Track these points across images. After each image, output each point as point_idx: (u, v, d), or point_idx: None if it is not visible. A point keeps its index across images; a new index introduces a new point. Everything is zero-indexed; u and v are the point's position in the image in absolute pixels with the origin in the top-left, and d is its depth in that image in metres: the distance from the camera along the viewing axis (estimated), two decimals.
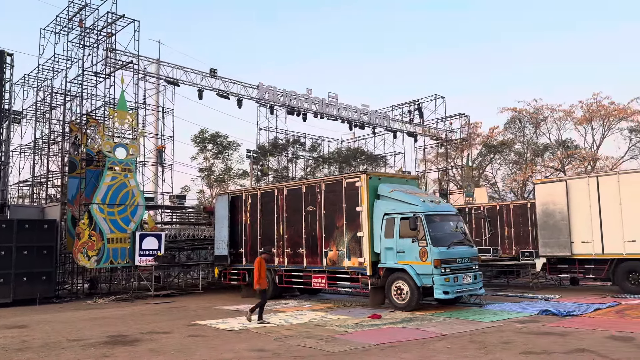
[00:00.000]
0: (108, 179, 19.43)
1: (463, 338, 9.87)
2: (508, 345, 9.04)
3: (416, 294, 13.56)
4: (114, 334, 11.14)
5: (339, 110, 29.94)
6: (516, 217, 24.32)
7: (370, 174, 15.11)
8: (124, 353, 9.13)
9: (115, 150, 19.77)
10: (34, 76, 26.36)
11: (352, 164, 42.11)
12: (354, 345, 9.39)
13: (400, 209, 14.14)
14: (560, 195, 17.60)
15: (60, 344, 10.10)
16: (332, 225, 15.55)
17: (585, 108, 45.01)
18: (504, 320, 11.80)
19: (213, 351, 9.14)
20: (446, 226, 14.33)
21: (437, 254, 13.34)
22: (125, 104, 20.67)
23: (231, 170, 41.87)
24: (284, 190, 17.31)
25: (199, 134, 40.25)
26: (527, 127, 48.63)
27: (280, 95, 27.64)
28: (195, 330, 11.53)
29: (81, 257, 18.56)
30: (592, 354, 8.20)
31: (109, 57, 20.98)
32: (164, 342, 10.16)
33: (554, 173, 45.52)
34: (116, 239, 19.36)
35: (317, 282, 16.02)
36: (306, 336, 10.35)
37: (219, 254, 19.20)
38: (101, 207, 19.06)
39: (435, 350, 8.82)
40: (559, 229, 17.46)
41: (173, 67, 23.93)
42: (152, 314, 14.59)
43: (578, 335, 9.85)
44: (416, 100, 35.69)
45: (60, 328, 12.23)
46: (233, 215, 18.95)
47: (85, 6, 22.10)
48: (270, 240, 17.38)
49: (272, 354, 8.76)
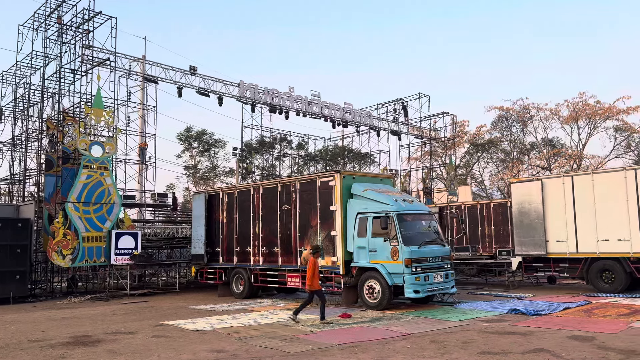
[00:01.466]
0: (83, 177, 19.28)
1: (425, 338, 9.85)
2: (468, 345, 9.02)
3: (387, 293, 13.54)
4: (78, 335, 11.03)
5: (321, 109, 29.90)
6: (496, 215, 24.39)
7: (344, 173, 15.06)
8: (81, 354, 9.03)
9: (91, 148, 19.61)
10: (12, 73, 26.08)
11: (339, 162, 42.11)
12: (315, 345, 9.34)
13: (373, 208, 14.12)
14: (535, 195, 17.66)
15: (21, 345, 9.98)
16: (307, 224, 15.50)
17: (571, 107, 45.31)
18: (471, 320, 11.80)
19: (172, 352, 9.06)
20: (418, 225, 14.33)
21: (408, 253, 13.33)
22: (102, 101, 20.49)
23: (217, 168, 41.74)
24: (260, 189, 17.23)
25: (185, 132, 40.10)
26: (514, 126, 48.89)
27: (262, 93, 27.54)
28: (161, 330, 11.44)
29: (55, 256, 18.40)
30: (547, 353, 8.20)
31: (86, 54, 20.78)
32: (126, 342, 10.07)
33: (540, 172, 45.76)
34: (92, 237, 19.22)
35: (291, 282, 15.96)
36: (270, 336, 10.29)
37: (196, 253, 19.11)
38: (76, 205, 18.90)
39: (394, 350, 8.79)
40: (534, 228, 17.51)
41: (152, 65, 23.78)
42: (123, 314, 14.47)
43: (541, 334, 9.85)
44: (401, 99, 35.72)
45: (25, 328, 12.10)
46: (210, 214, 18.86)
47: (62, 2, 21.87)
48: (246, 239, 17.32)
49: (230, 355, 8.69)
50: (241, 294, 17.46)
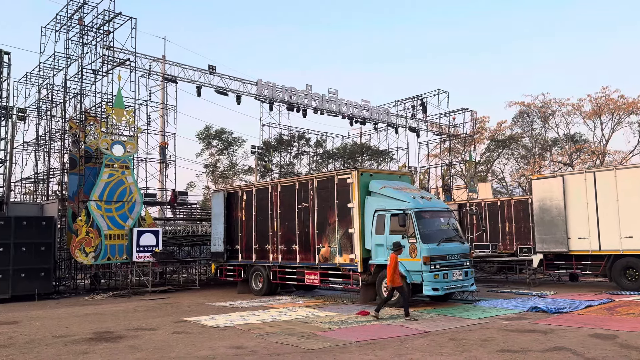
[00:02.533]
0: (105, 176, 19.58)
1: (444, 335, 9.81)
2: (487, 343, 8.97)
3: (406, 290, 13.48)
4: (100, 331, 11.24)
5: (339, 106, 29.87)
6: (517, 212, 24.08)
7: (362, 171, 15.04)
8: (103, 350, 9.21)
9: (113, 147, 19.90)
10: (35, 74, 26.61)
11: (357, 160, 42.04)
12: (333, 342, 9.37)
13: (391, 205, 14.08)
14: (557, 191, 17.42)
15: (45, 341, 10.21)
16: (325, 221, 15.53)
17: (594, 102, 44.42)
18: (491, 318, 11.71)
19: (191, 348, 9.18)
20: (437, 223, 14.23)
21: (427, 250, 13.26)
22: (122, 101, 20.78)
23: (236, 166, 42.03)
24: (278, 187, 17.31)
25: (204, 130, 40.45)
26: (535, 122, 48.16)
27: (280, 91, 27.63)
28: (181, 326, 11.59)
29: (79, 254, 18.74)
30: (568, 352, 8.11)
31: (106, 54, 21.09)
32: (147, 338, 10.23)
33: (562, 167, 45.07)
34: (114, 235, 19.52)
35: (309, 279, 16.02)
36: (289, 333, 10.36)
37: (215, 250, 19.30)
38: (98, 204, 19.22)
39: (412, 348, 8.78)
40: (556, 225, 17.29)
41: (171, 64, 24.05)
42: (145, 310, 14.69)
43: (562, 333, 9.74)
44: (419, 95, 35.49)
45: (50, 324, 12.37)
46: (229, 212, 19.02)
47: (84, 4, 22.22)
48: (265, 236, 17.42)
49: (249, 352, 8.77)
50: (260, 291, 17.58)
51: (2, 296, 17.15)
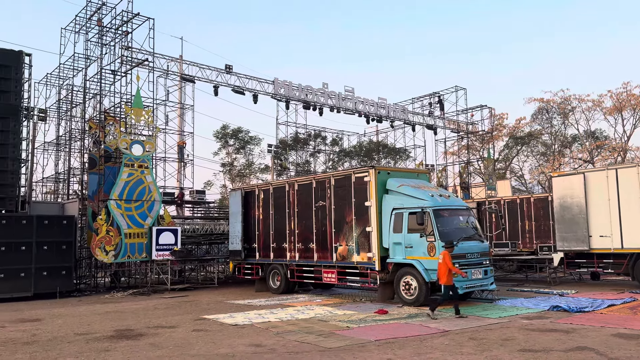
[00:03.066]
0: (125, 175, 19.80)
1: (464, 335, 9.73)
2: (508, 343, 8.87)
3: (424, 289, 13.41)
4: (121, 328, 11.37)
5: (355, 104, 29.79)
6: (537, 210, 23.79)
7: (379, 169, 14.98)
8: (124, 347, 9.31)
9: (132, 147, 20.11)
10: (55, 75, 27.00)
11: (374, 158, 41.92)
12: (351, 341, 9.35)
13: (408, 203, 14.00)
14: (578, 189, 17.16)
15: (67, 338, 10.36)
16: (342, 220, 15.50)
17: (614, 98, 43.71)
18: (511, 317, 11.59)
19: (211, 346, 9.24)
20: (455, 221, 14.11)
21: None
22: (141, 101, 20.98)
23: (253, 165, 42.21)
24: (295, 185, 17.33)
25: (221, 130, 40.68)
26: (554, 118, 47.53)
27: (296, 90, 27.65)
28: (201, 324, 11.67)
29: (99, 252, 18.98)
30: (591, 352, 7.98)
31: (125, 55, 21.31)
32: (167, 336, 10.32)
33: (582, 165, 44.43)
34: (133, 234, 19.73)
35: (327, 277, 16.02)
36: (307, 331, 10.36)
37: (233, 248, 19.40)
38: (118, 202, 19.44)
39: (432, 347, 8.72)
40: (577, 223, 17.03)
41: (189, 64, 24.20)
42: (164, 308, 14.83)
43: (584, 332, 9.59)
44: (436, 92, 35.25)
45: (72, 322, 12.55)
46: (247, 211, 19.09)
47: (102, 5, 22.48)
48: (282, 235, 17.46)
49: (268, 350, 8.80)
50: (278, 289, 17.63)
51: (25, 294, 17.45)
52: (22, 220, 17.82)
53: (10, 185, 18.14)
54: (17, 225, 17.59)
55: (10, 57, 18.55)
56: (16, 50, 18.86)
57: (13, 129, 18.24)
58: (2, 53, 18.51)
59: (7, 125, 18.14)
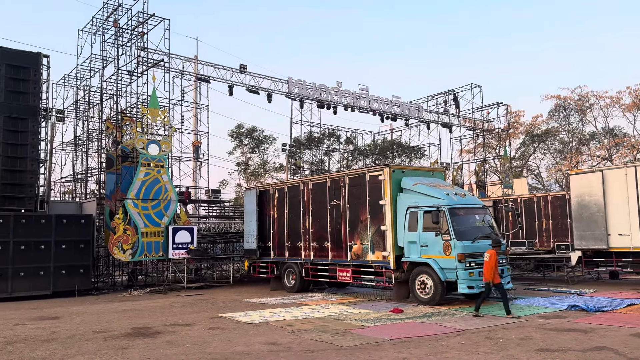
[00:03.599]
0: (141, 175, 20.00)
1: (480, 334, 9.67)
2: (525, 342, 8.79)
3: (440, 288, 13.35)
4: (138, 326, 11.49)
5: (369, 103, 29.74)
6: (554, 208, 23.54)
7: (394, 167, 14.93)
8: (142, 345, 9.41)
9: (148, 146, 20.30)
10: (73, 76, 27.36)
11: (388, 156, 41.79)
12: (366, 340, 9.35)
13: (424, 202, 13.94)
14: (596, 186, 16.93)
15: (86, 335, 10.50)
16: (356, 219, 15.49)
17: (633, 94, 43.00)
18: (528, 316, 11.49)
19: (227, 344, 9.30)
20: (471, 219, 14.02)
21: (461, 247, 13.08)
22: (157, 101, 21.17)
23: (267, 164, 42.34)
24: (310, 184, 17.35)
25: (236, 129, 40.88)
26: (572, 115, 46.93)
27: (310, 89, 27.68)
28: (217, 322, 11.75)
29: (116, 251, 19.21)
30: (610, 351, 7.88)
31: (141, 56, 21.52)
32: (184, 334, 10.41)
33: (601, 162, 43.81)
34: (150, 232, 19.92)
35: (342, 276, 16.02)
36: (322, 330, 10.38)
37: (248, 247, 19.49)
38: (135, 202, 19.64)
39: (448, 346, 8.68)
40: (595, 222, 16.81)
41: (204, 64, 24.36)
42: (181, 306, 14.96)
43: (602, 332, 9.47)
44: (451, 90, 35.04)
45: (90, 320, 12.71)
46: (261, 210, 19.17)
47: (119, 6, 22.73)
48: (297, 234, 17.50)
49: (283, 348, 8.83)
50: (293, 288, 17.68)
51: (44, 292, 17.73)
52: (41, 219, 18.10)
53: (30, 185, 18.45)
54: (36, 224, 17.88)
55: (28, 58, 18.85)
56: (34, 52, 19.17)
57: (32, 129, 18.56)
58: (21, 55, 18.82)
59: (26, 125, 18.46)
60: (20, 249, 17.47)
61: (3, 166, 17.95)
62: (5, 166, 18.02)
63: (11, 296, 17.15)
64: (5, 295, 17.07)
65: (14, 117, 18.30)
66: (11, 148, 18.23)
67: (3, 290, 17.09)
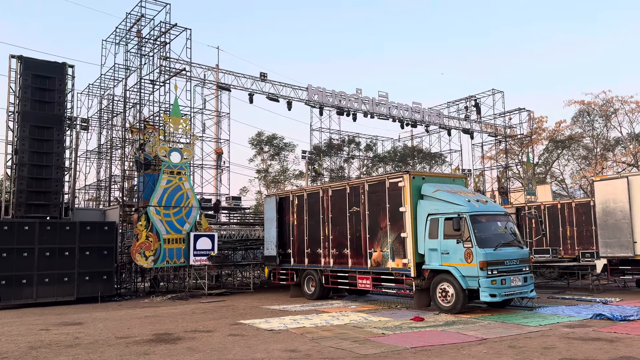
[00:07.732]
0: (164, 182, 20.23)
1: (503, 343, 9.52)
2: (548, 351, 8.63)
3: (461, 296, 13.19)
4: (160, 332, 11.59)
5: (389, 109, 29.66)
6: (579, 215, 23.10)
7: (414, 174, 14.85)
8: (163, 351, 9.49)
9: (170, 154, 20.54)
10: (97, 85, 27.89)
11: (408, 163, 41.59)
12: (387, 348, 9.28)
13: (444, 209, 13.82)
14: (621, 193, 16.59)
15: (108, 341, 10.63)
16: (376, 225, 15.42)
17: None
18: (552, 325, 11.28)
19: (247, 351, 9.32)
20: (493, 226, 13.85)
21: (483, 255, 12.92)
22: (179, 110, 21.45)
23: (287, 171, 42.50)
24: (329, 191, 17.35)
25: (256, 137, 41.17)
26: (596, 121, 46.16)
27: (330, 96, 27.74)
28: (237, 329, 11.79)
29: (139, 257, 19.43)
30: None
31: (163, 65, 21.84)
32: (204, 340, 10.47)
33: (626, 168, 42.92)
34: (172, 239, 20.12)
35: (362, 283, 15.95)
36: (342, 337, 10.34)
37: (268, 254, 19.54)
38: (157, 209, 19.87)
39: (469, 355, 8.56)
40: (620, 229, 16.46)
41: (225, 73, 24.61)
42: (201, 313, 15.05)
43: (629, 341, 9.25)
44: (472, 96, 34.76)
45: (112, 325, 12.87)
46: (281, 216, 19.21)
47: (141, 17, 23.12)
48: (316, 240, 17.50)
49: (303, 355, 8.81)
50: (312, 295, 17.65)
51: (68, 298, 18.00)
52: (65, 226, 18.41)
53: (55, 193, 18.81)
54: (60, 231, 18.19)
55: (54, 69, 19.29)
56: (60, 62, 19.61)
57: (57, 138, 18.94)
58: (47, 65, 19.26)
59: (51, 134, 18.85)
60: (45, 256, 17.80)
61: (29, 174, 18.35)
62: (31, 174, 18.41)
63: (36, 302, 17.46)
64: (30, 300, 17.40)
65: (39, 125, 18.71)
66: (37, 156, 18.63)
67: (28, 296, 17.42)
